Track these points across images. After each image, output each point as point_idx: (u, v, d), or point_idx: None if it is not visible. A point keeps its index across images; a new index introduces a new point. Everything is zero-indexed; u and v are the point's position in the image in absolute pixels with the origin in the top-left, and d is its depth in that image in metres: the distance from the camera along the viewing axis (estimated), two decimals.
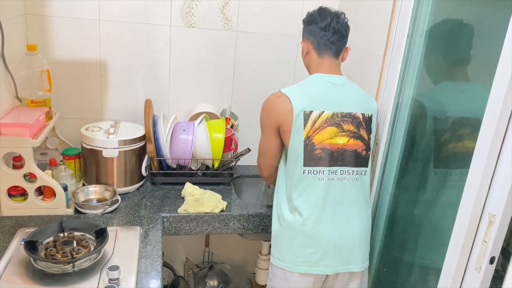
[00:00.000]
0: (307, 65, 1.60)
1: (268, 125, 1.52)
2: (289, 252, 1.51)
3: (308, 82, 1.52)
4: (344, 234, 1.51)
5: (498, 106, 1.06)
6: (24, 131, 1.47)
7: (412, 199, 1.60)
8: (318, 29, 1.52)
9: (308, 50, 1.56)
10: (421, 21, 1.50)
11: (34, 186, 1.55)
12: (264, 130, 1.56)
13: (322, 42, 1.53)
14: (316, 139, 1.45)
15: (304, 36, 1.58)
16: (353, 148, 1.49)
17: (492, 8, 1.25)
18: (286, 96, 1.46)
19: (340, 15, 1.54)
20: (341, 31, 1.53)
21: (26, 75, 1.64)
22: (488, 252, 1.12)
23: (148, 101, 1.94)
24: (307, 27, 1.56)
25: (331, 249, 1.50)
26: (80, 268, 1.29)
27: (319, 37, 1.52)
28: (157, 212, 1.70)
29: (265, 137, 1.56)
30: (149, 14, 1.94)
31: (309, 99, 1.46)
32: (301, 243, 1.49)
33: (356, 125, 1.49)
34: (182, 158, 1.89)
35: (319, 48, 1.54)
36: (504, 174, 1.08)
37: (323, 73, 1.53)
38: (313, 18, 1.54)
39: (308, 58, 1.58)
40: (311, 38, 1.55)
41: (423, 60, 1.51)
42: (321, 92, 1.49)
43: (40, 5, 1.82)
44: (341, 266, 1.52)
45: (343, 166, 1.49)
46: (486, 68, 1.14)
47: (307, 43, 1.56)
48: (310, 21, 1.55)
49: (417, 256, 1.58)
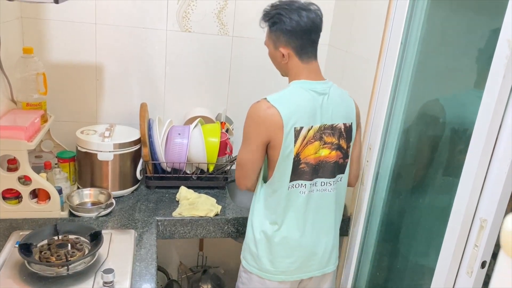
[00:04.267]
0: (285, 70, 1.46)
1: (256, 138, 1.38)
2: (268, 262, 1.49)
3: (294, 91, 1.39)
4: (321, 241, 1.52)
5: (489, 112, 1.08)
6: (19, 134, 1.47)
7: (405, 205, 1.62)
8: (301, 33, 1.35)
9: (289, 56, 1.40)
10: (415, 28, 1.52)
11: (29, 189, 1.55)
12: (248, 141, 1.41)
13: (305, 47, 1.38)
14: (302, 154, 1.40)
15: (281, 42, 1.39)
16: (334, 159, 1.46)
17: (484, 16, 1.27)
18: (275, 109, 1.33)
19: (311, 6, 1.37)
20: (321, 28, 1.40)
21: (21, 78, 1.64)
22: (479, 256, 1.13)
23: (144, 105, 1.94)
24: (282, 30, 1.36)
25: (309, 256, 1.51)
26: (75, 271, 1.29)
27: (302, 42, 1.36)
28: (152, 216, 1.70)
29: (248, 148, 1.41)
30: (146, 19, 1.95)
31: (298, 113, 1.35)
32: (281, 254, 1.48)
33: (337, 136, 1.44)
34: (177, 162, 1.89)
35: (301, 53, 1.38)
36: (495, 179, 1.09)
37: (308, 79, 1.40)
38: (289, 19, 1.34)
39: (288, 63, 1.42)
40: (292, 43, 1.37)
41: (416, 67, 1.53)
42: (308, 104, 1.37)
43: (36, 9, 1.82)
44: (316, 270, 1.54)
45: (323, 177, 1.46)
46: (478, 75, 1.16)
47: (287, 49, 1.38)
48: (287, 25, 1.35)
49: (409, 260, 1.59)
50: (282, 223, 1.46)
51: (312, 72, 1.43)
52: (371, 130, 1.69)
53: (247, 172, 1.47)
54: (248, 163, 1.44)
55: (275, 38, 1.41)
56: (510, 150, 1.05)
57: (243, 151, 1.45)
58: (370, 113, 1.69)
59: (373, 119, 1.67)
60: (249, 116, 1.40)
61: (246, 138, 1.42)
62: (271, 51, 1.47)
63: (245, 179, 1.49)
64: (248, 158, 1.44)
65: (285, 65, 1.44)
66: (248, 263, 1.54)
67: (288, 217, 1.46)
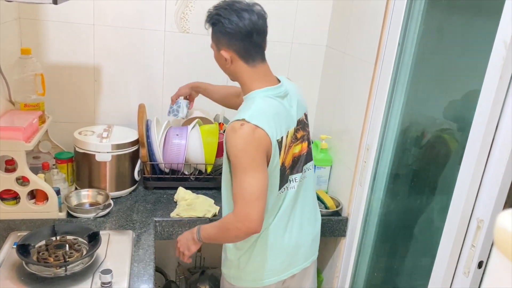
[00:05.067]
0: (233, 73, 1.37)
1: (260, 158, 1.25)
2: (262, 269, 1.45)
3: (263, 102, 1.31)
4: (301, 236, 1.49)
5: (486, 113, 1.08)
6: (17, 135, 1.46)
7: (402, 205, 1.62)
8: (241, 35, 1.27)
9: (232, 59, 1.32)
10: (412, 29, 1.52)
11: (27, 190, 1.55)
12: (254, 166, 1.25)
13: (249, 50, 1.30)
14: (286, 161, 1.37)
15: (222, 44, 1.31)
16: (305, 151, 1.46)
17: (480, 17, 1.28)
18: (261, 129, 1.25)
19: (254, 7, 1.29)
20: (265, 30, 1.32)
21: (19, 78, 1.64)
22: (476, 256, 1.14)
23: (142, 106, 1.94)
24: (222, 32, 1.29)
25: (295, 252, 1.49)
26: (73, 271, 1.29)
27: (244, 45, 1.29)
28: (150, 217, 1.70)
29: (257, 174, 1.24)
30: (144, 20, 1.96)
31: (275, 125, 1.29)
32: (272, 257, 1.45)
33: (304, 128, 1.44)
34: (175, 162, 1.89)
35: (246, 57, 1.31)
36: (492, 179, 1.10)
37: (267, 86, 1.33)
38: (229, 21, 1.27)
39: (234, 67, 1.34)
40: (233, 46, 1.29)
41: (414, 68, 1.53)
42: (279, 112, 1.33)
43: (34, 9, 1.83)
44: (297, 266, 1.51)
45: (300, 172, 1.44)
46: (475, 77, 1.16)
47: (228, 52, 1.30)
48: (226, 26, 1.27)
49: (407, 261, 1.59)
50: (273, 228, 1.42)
51: (265, 76, 1.36)
52: (368, 131, 1.69)
53: (262, 203, 1.25)
54: (264, 187, 1.26)
55: (216, 40, 1.34)
56: (507, 150, 1.06)
57: (249, 181, 1.24)
58: (367, 114, 1.69)
59: (370, 120, 1.68)
60: (243, 139, 1.25)
61: (249, 162, 1.25)
62: (215, 54, 1.38)
63: (262, 213, 1.25)
64: (259, 185, 1.24)
65: (231, 69, 1.36)
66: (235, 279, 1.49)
67: (277, 221, 1.42)
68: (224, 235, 1.36)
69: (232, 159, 1.28)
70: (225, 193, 1.46)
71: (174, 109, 1.91)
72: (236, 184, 1.27)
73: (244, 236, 1.31)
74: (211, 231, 1.41)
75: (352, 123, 1.82)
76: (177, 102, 1.90)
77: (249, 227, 1.25)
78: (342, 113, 1.94)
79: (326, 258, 2.07)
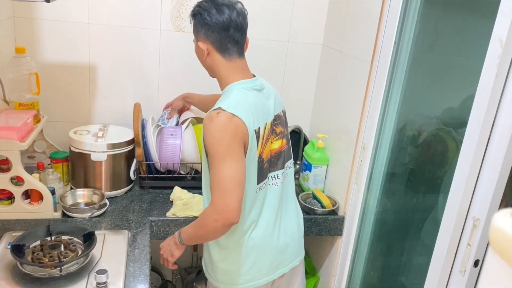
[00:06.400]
0: (210, 66, 1.39)
1: (237, 147, 1.25)
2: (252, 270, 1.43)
3: (240, 93, 1.33)
4: (287, 234, 1.49)
5: (482, 111, 1.08)
6: (12, 134, 1.45)
7: (399, 204, 1.62)
8: (218, 28, 1.31)
9: (209, 51, 1.35)
10: (408, 28, 1.52)
11: (21, 190, 1.54)
12: (230, 155, 1.24)
13: (225, 43, 1.33)
14: (264, 154, 1.36)
15: (200, 35, 1.34)
16: (285, 148, 1.46)
17: (476, 15, 1.28)
18: (238, 118, 1.25)
19: (236, 4, 1.33)
20: (244, 26, 1.35)
21: (14, 78, 1.63)
22: (472, 255, 1.14)
23: (137, 105, 1.93)
24: (200, 23, 1.33)
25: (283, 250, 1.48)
26: (68, 272, 1.28)
27: (220, 37, 1.32)
28: (146, 216, 1.69)
29: (233, 163, 1.23)
30: (139, 18, 1.95)
31: (254, 115, 1.30)
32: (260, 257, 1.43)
33: (282, 124, 1.45)
34: (171, 162, 1.89)
35: (222, 49, 1.34)
36: (488, 178, 1.10)
37: (242, 79, 1.36)
38: (208, 13, 1.30)
39: (211, 60, 1.36)
40: (210, 38, 1.32)
41: (410, 66, 1.53)
42: (256, 103, 1.34)
43: (29, 8, 1.81)
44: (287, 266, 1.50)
45: (281, 169, 1.44)
46: (471, 76, 1.16)
47: (205, 43, 1.34)
48: (204, 17, 1.31)
49: (403, 259, 1.60)
50: (258, 225, 1.40)
51: (242, 69, 1.38)
52: (364, 130, 1.69)
53: (239, 193, 1.25)
54: (240, 179, 1.25)
55: (195, 32, 1.37)
56: (503, 149, 1.06)
57: (226, 170, 1.23)
58: (363, 113, 1.69)
59: (366, 119, 1.68)
60: (219, 126, 1.24)
61: (225, 151, 1.24)
62: (195, 46, 1.41)
63: (239, 202, 1.25)
64: (236, 173, 1.24)
65: (208, 62, 1.38)
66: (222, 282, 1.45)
67: (262, 219, 1.41)
68: (203, 231, 1.34)
69: (209, 150, 1.27)
70: (205, 191, 1.44)
71: (164, 117, 2.01)
72: (213, 175, 1.26)
73: (223, 229, 1.28)
74: (190, 231, 1.39)
75: (348, 122, 1.82)
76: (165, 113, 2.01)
77: (226, 218, 1.24)
78: (339, 112, 1.94)
79: (322, 257, 2.07)
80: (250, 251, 1.41)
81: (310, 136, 2.22)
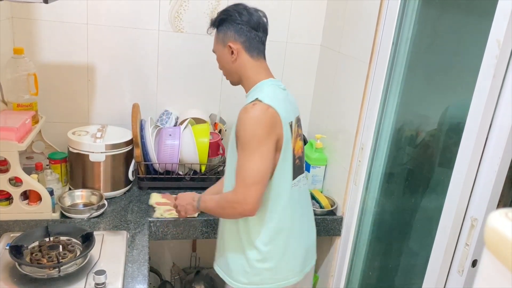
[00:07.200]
0: (237, 69, 1.40)
1: (269, 141, 1.27)
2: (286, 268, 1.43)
3: (271, 89, 1.36)
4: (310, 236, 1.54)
5: (479, 112, 1.09)
6: (10, 135, 1.45)
7: (397, 204, 1.62)
8: (248, 27, 1.35)
9: (238, 53, 1.36)
10: (406, 28, 1.53)
11: (20, 191, 1.53)
12: (260, 149, 1.26)
13: (254, 43, 1.36)
14: (295, 149, 1.39)
15: (229, 37, 1.37)
16: (304, 150, 1.51)
17: (473, 16, 1.28)
18: (273, 109, 1.29)
19: (260, 11, 1.40)
20: (267, 28, 1.41)
21: (12, 78, 1.63)
22: (470, 255, 1.14)
23: (136, 106, 1.93)
24: (232, 25, 1.35)
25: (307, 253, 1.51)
26: (66, 272, 1.28)
27: (250, 37, 1.35)
28: (144, 217, 1.69)
29: (261, 159, 1.26)
30: (138, 19, 1.95)
31: (285, 109, 1.34)
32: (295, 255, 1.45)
33: (301, 127, 1.49)
34: (170, 163, 1.89)
35: (251, 49, 1.37)
36: (486, 178, 1.10)
37: (269, 78, 1.40)
38: (239, 14, 1.35)
39: (239, 61, 1.38)
40: (241, 37, 1.35)
41: (408, 67, 1.54)
42: (285, 99, 1.38)
43: (27, 9, 1.81)
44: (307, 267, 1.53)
45: (303, 172, 1.49)
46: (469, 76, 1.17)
47: (236, 44, 1.36)
48: (235, 18, 1.35)
49: (402, 260, 1.60)
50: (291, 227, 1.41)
51: (267, 70, 1.42)
52: (363, 130, 1.69)
53: (261, 188, 1.27)
54: (265, 174, 1.28)
55: (223, 36, 1.39)
56: (501, 149, 1.06)
57: (254, 162, 1.26)
58: (362, 113, 1.70)
59: (365, 119, 1.68)
60: (254, 119, 1.27)
61: (256, 145, 1.26)
62: (219, 53, 1.42)
63: (259, 197, 1.28)
64: (263, 167, 1.27)
65: (235, 65, 1.39)
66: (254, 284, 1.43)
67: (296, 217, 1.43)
68: (220, 212, 1.40)
69: (241, 140, 1.30)
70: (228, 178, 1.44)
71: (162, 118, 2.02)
72: (240, 164, 1.30)
73: (238, 216, 1.36)
74: (209, 205, 1.43)
75: (346, 122, 1.82)
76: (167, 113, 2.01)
77: (244, 209, 1.29)
78: (337, 112, 1.94)
79: (321, 257, 2.07)
80: (287, 249, 1.43)
81: (309, 136, 2.22)
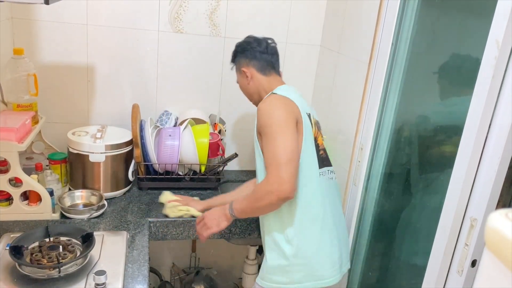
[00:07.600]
0: (254, 90, 1.57)
1: (290, 121, 1.33)
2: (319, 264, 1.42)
3: (285, 87, 1.51)
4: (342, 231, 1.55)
5: (479, 112, 1.09)
6: (10, 135, 1.45)
7: (397, 204, 1.63)
8: (258, 53, 1.54)
9: (251, 75, 1.55)
10: (406, 29, 1.53)
11: (20, 191, 1.54)
12: (282, 129, 1.31)
13: (264, 64, 1.55)
14: (318, 139, 1.47)
15: (243, 64, 1.57)
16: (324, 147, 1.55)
17: (472, 17, 1.28)
18: (288, 98, 1.41)
19: (268, 38, 1.60)
20: (277, 53, 1.59)
21: (12, 79, 1.63)
22: (469, 255, 1.14)
23: (135, 106, 1.93)
24: (244, 53, 1.56)
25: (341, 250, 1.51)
26: (66, 273, 1.28)
27: (260, 59, 1.54)
28: (144, 217, 1.69)
29: (288, 135, 1.31)
30: (137, 19, 1.95)
31: (299, 102, 1.44)
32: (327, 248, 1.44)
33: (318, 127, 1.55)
34: (169, 163, 1.89)
35: (263, 69, 1.55)
36: (485, 178, 1.10)
37: (283, 85, 1.54)
38: (249, 44, 1.56)
39: (254, 82, 1.56)
40: (252, 62, 1.55)
41: (407, 67, 1.54)
42: (300, 96, 1.49)
43: (27, 9, 1.81)
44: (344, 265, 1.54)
45: (331, 166, 1.54)
46: (468, 77, 1.17)
47: (249, 68, 1.55)
48: (246, 48, 1.56)
49: (401, 260, 1.60)
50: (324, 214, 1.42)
51: (280, 81, 1.57)
52: (362, 130, 1.70)
53: (295, 165, 1.30)
54: (294, 151, 1.31)
55: (238, 65, 1.60)
56: (500, 149, 1.06)
57: (281, 142, 1.29)
58: (361, 113, 1.70)
59: (364, 119, 1.68)
60: (272, 105, 1.37)
61: (280, 127, 1.31)
62: (239, 81, 1.62)
63: (294, 174, 1.29)
64: (291, 145, 1.30)
65: (251, 85, 1.56)
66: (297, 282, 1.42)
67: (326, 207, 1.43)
68: (258, 204, 1.35)
69: (263, 128, 1.34)
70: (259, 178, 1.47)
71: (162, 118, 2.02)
72: (266, 152, 1.33)
73: (278, 201, 1.30)
74: (243, 204, 1.41)
75: (346, 123, 1.82)
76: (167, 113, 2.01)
77: (280, 190, 1.26)
78: (336, 113, 1.94)
79: None
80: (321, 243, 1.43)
81: None
